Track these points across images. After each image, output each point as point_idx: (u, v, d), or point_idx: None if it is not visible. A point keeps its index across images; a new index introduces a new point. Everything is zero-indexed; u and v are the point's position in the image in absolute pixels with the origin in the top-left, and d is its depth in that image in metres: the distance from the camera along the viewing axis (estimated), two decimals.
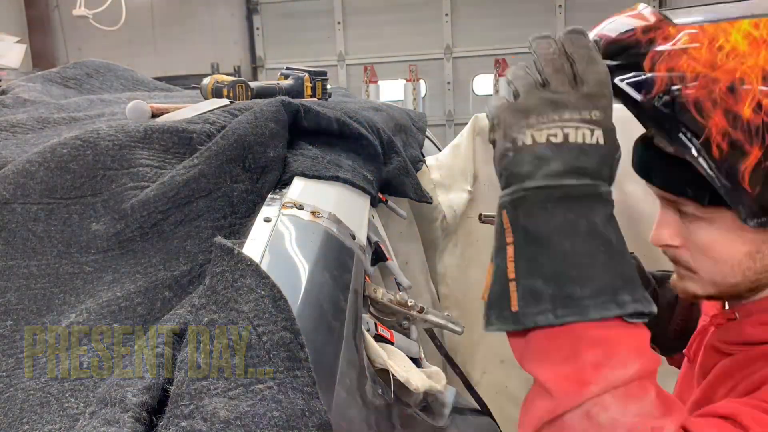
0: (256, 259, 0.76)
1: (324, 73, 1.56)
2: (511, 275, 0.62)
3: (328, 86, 1.59)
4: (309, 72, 1.53)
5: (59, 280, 0.83)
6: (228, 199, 0.91)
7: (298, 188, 0.99)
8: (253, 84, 1.39)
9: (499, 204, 0.66)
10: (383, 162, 1.29)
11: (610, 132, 0.64)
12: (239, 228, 0.89)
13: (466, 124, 2.01)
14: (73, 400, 0.68)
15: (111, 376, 0.67)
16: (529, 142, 0.63)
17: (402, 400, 0.96)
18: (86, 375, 0.71)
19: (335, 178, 1.07)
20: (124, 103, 1.28)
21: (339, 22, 8.62)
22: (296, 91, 1.48)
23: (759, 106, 0.64)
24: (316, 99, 1.52)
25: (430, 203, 1.57)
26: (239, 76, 2.24)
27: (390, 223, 1.54)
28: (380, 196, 1.27)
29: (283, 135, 1.04)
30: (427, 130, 2.16)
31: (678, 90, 0.67)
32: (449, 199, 1.88)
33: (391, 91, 8.40)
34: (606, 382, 0.60)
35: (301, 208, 0.92)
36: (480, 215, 1.05)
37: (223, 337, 0.64)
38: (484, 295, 0.65)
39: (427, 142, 2.03)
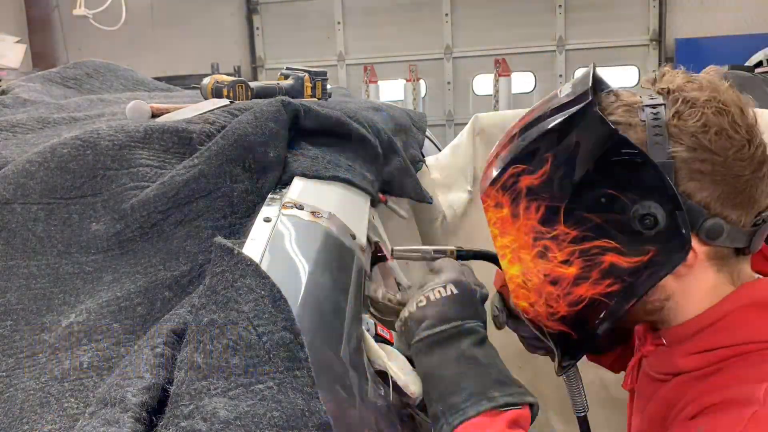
0: (256, 259, 0.76)
1: (324, 73, 1.55)
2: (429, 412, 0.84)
3: (328, 86, 1.59)
4: (309, 72, 1.52)
5: (59, 280, 0.83)
6: (228, 199, 0.91)
7: (298, 188, 0.99)
8: (253, 84, 1.39)
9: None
10: (383, 162, 1.29)
11: (459, 282, 0.90)
12: (239, 228, 0.89)
13: (466, 124, 2.01)
14: (73, 400, 0.68)
15: (111, 376, 0.67)
16: (406, 314, 0.90)
17: (402, 400, 0.96)
18: (86, 375, 0.71)
19: (335, 178, 1.07)
20: (124, 103, 1.28)
21: (339, 22, 8.61)
22: (296, 91, 1.48)
23: None
24: (316, 99, 1.51)
25: (430, 203, 1.57)
26: (239, 76, 2.24)
27: (390, 223, 1.54)
28: (380, 196, 1.27)
29: (283, 135, 1.04)
30: (427, 130, 2.16)
31: None
32: (449, 199, 1.88)
33: (391, 91, 8.39)
34: None
35: (301, 208, 0.92)
36: (392, 251, 1.12)
37: (223, 337, 0.64)
38: None
39: (427, 142, 2.03)
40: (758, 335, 0.78)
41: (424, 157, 1.82)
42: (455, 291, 0.89)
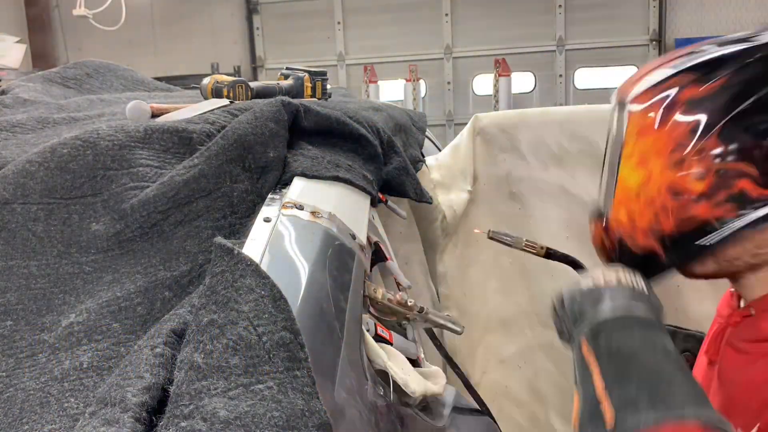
0: (256, 259, 0.76)
1: (324, 73, 1.56)
2: (601, 393, 0.71)
3: (328, 86, 1.59)
4: (309, 72, 1.52)
5: (59, 280, 0.83)
6: (228, 199, 0.91)
7: (298, 188, 0.99)
8: (253, 84, 1.39)
9: (575, 339, 0.80)
10: (383, 162, 1.29)
11: (647, 292, 0.83)
12: (239, 228, 0.89)
13: (466, 124, 2.01)
14: (73, 400, 0.68)
15: (111, 376, 0.67)
16: (590, 284, 0.84)
17: (402, 400, 0.96)
18: (86, 375, 0.71)
19: (335, 178, 1.07)
20: (124, 103, 1.28)
21: (339, 22, 8.61)
22: (296, 91, 1.48)
23: None
24: (316, 99, 1.52)
25: (430, 203, 1.57)
26: (239, 76, 2.24)
27: (390, 223, 1.54)
28: (380, 196, 1.27)
29: (283, 135, 1.04)
30: (427, 130, 2.16)
31: None
32: (449, 199, 1.88)
33: (391, 91, 8.39)
34: None
35: (301, 208, 0.92)
36: (489, 232, 1.07)
37: (223, 337, 0.64)
38: (575, 423, 0.75)
39: (427, 142, 2.03)
40: None
41: (424, 157, 1.82)
42: (645, 290, 0.84)
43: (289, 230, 0.88)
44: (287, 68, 1.57)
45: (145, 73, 2.10)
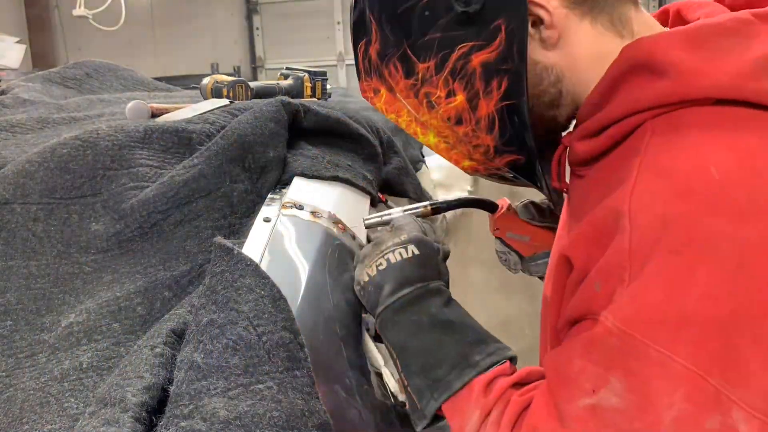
0: (256, 259, 0.76)
1: (324, 73, 1.56)
2: (405, 383, 0.76)
3: (328, 86, 1.59)
4: (309, 72, 1.53)
5: (59, 280, 0.83)
6: (228, 199, 0.91)
7: (298, 188, 0.99)
8: (252, 84, 1.39)
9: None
10: (383, 162, 1.29)
11: (421, 241, 0.82)
12: (239, 228, 0.89)
13: None
14: (72, 400, 0.68)
15: (111, 376, 0.67)
16: (366, 278, 0.81)
17: (401, 400, 0.96)
18: (86, 375, 0.71)
19: (335, 178, 1.07)
20: (124, 103, 1.28)
21: (339, 22, 8.61)
22: (296, 91, 1.48)
23: None
24: (316, 99, 1.52)
25: None
26: (239, 76, 2.24)
27: None
28: (380, 196, 1.27)
29: (282, 135, 1.04)
30: None
31: None
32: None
33: None
34: None
35: (300, 208, 0.92)
36: (363, 221, 0.99)
37: (222, 337, 0.64)
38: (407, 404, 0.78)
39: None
40: (640, 102, 0.66)
41: (424, 157, 1.82)
42: (417, 252, 0.81)
43: (289, 230, 0.88)
44: (287, 68, 1.57)
45: (145, 73, 2.10)
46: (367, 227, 0.97)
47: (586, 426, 0.59)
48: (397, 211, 0.96)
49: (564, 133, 0.81)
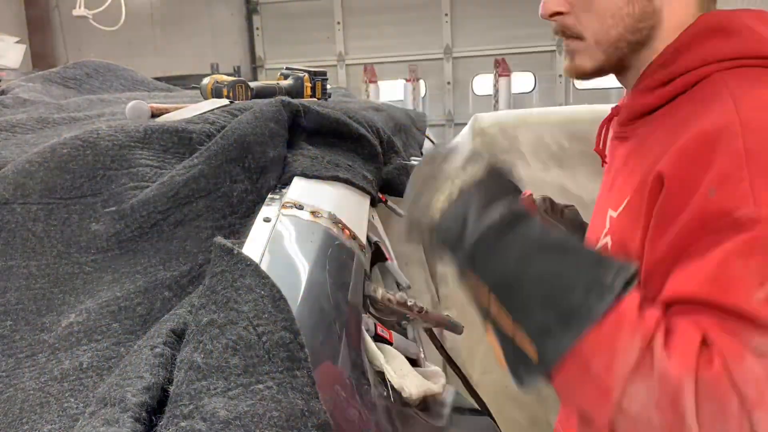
0: (256, 259, 0.76)
1: (324, 73, 1.56)
2: (510, 327, 0.63)
3: (328, 86, 1.59)
4: (309, 72, 1.53)
5: (59, 280, 0.83)
6: (228, 199, 0.91)
7: (298, 188, 0.99)
8: (252, 84, 1.39)
9: (456, 270, 0.69)
10: (383, 162, 1.29)
11: (482, 157, 0.70)
12: (239, 228, 0.89)
13: (466, 124, 2.01)
14: (72, 400, 0.68)
15: (111, 376, 0.67)
16: (437, 214, 0.68)
17: (401, 400, 0.96)
18: (86, 375, 0.71)
19: (335, 178, 1.07)
20: (124, 103, 1.28)
21: (339, 22, 8.61)
22: (296, 91, 1.48)
23: None
24: (316, 99, 1.52)
25: None
26: (239, 76, 2.24)
27: (390, 223, 1.54)
28: (380, 195, 1.27)
29: (282, 135, 1.04)
30: (427, 130, 2.16)
31: None
32: None
33: (391, 91, 8.39)
34: (620, 378, 0.57)
35: (300, 208, 0.92)
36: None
37: (222, 337, 0.64)
38: (503, 364, 0.66)
39: (427, 142, 2.03)
40: (712, 55, 0.73)
41: None
42: (488, 167, 0.70)
43: (289, 230, 0.88)
44: (287, 68, 1.57)
45: (145, 73, 2.10)
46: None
47: None
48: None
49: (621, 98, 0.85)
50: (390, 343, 1.02)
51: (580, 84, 8.25)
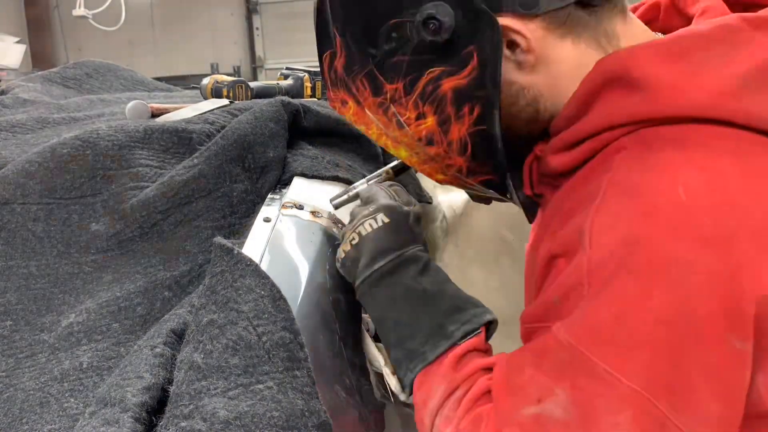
0: (256, 259, 0.76)
1: None
2: (387, 355, 0.79)
3: None
4: (309, 72, 1.53)
5: (59, 280, 0.83)
6: (228, 199, 0.91)
7: (298, 188, 0.99)
8: (252, 84, 1.39)
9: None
10: (383, 162, 1.29)
11: (390, 208, 0.80)
12: (239, 228, 0.89)
13: None
14: (72, 400, 0.68)
15: (111, 376, 0.67)
16: (342, 255, 0.81)
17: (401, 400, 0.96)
18: (86, 375, 0.71)
19: (335, 178, 1.07)
20: (124, 103, 1.28)
21: None
22: (296, 91, 1.48)
23: None
24: (316, 99, 1.52)
25: (430, 203, 1.57)
26: (239, 76, 2.24)
27: None
28: None
29: (282, 135, 1.04)
30: None
31: None
32: (449, 199, 1.88)
33: None
34: (431, 415, 0.70)
35: (300, 208, 0.92)
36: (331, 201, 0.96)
37: (222, 337, 0.64)
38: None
39: None
40: (612, 118, 0.64)
41: None
42: (386, 219, 0.79)
43: (289, 230, 0.88)
44: (287, 68, 1.57)
45: (145, 73, 2.10)
46: (335, 207, 0.94)
47: None
48: (361, 183, 0.94)
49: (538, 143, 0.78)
50: None
51: None
